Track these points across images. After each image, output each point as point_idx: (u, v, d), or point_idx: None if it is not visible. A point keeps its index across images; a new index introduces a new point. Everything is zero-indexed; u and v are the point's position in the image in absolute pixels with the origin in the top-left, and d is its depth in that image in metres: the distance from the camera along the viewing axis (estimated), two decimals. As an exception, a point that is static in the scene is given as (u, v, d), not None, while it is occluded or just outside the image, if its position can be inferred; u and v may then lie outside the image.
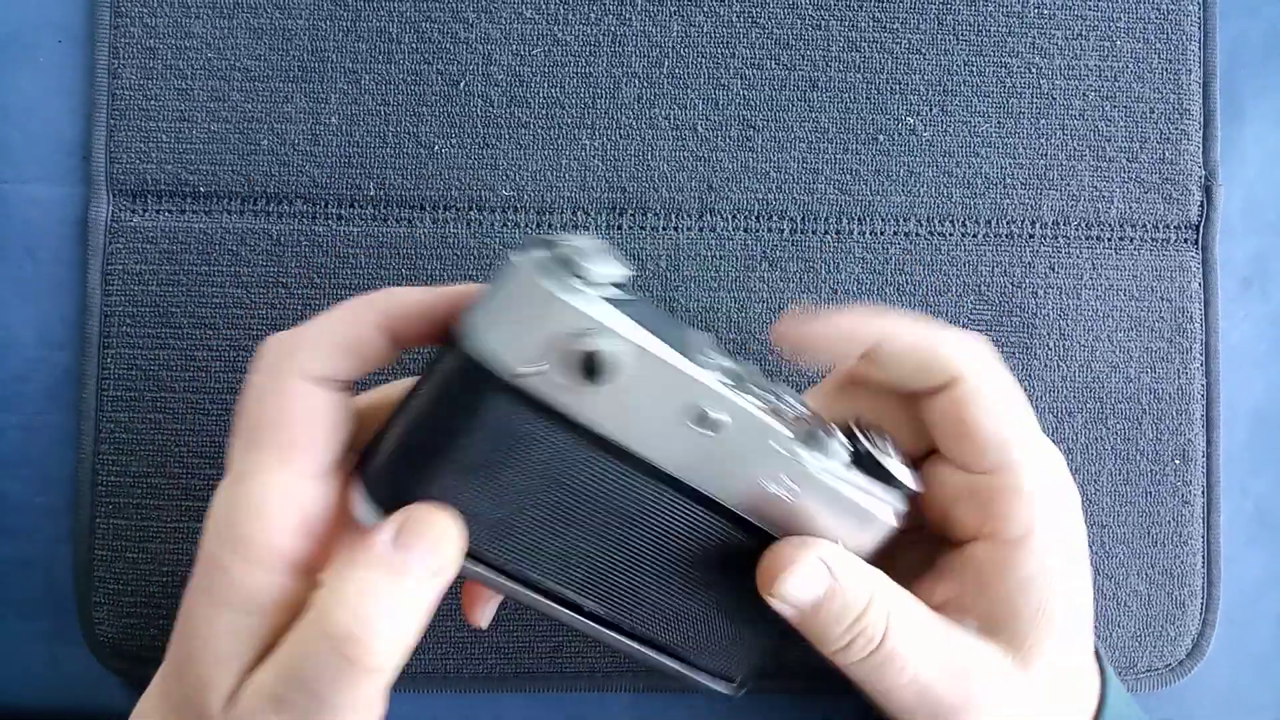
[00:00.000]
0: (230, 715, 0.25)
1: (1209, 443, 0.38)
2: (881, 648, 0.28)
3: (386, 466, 0.26)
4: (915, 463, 0.30)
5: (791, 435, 0.26)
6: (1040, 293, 0.38)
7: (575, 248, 0.25)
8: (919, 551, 0.31)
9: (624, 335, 0.24)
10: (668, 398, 0.25)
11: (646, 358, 0.25)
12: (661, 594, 0.28)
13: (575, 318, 0.24)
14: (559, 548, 0.27)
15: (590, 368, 0.24)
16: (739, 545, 0.28)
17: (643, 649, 0.29)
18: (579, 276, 0.24)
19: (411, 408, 0.25)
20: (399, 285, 0.36)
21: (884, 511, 0.28)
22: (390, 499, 0.25)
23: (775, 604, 0.28)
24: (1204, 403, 0.38)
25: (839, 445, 0.27)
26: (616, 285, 0.25)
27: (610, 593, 0.28)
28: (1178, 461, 0.38)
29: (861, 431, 0.28)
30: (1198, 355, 0.38)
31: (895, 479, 0.28)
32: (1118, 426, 0.38)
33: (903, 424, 0.30)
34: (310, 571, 0.26)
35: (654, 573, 0.28)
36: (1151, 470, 0.38)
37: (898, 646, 0.28)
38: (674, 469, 0.26)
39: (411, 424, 0.25)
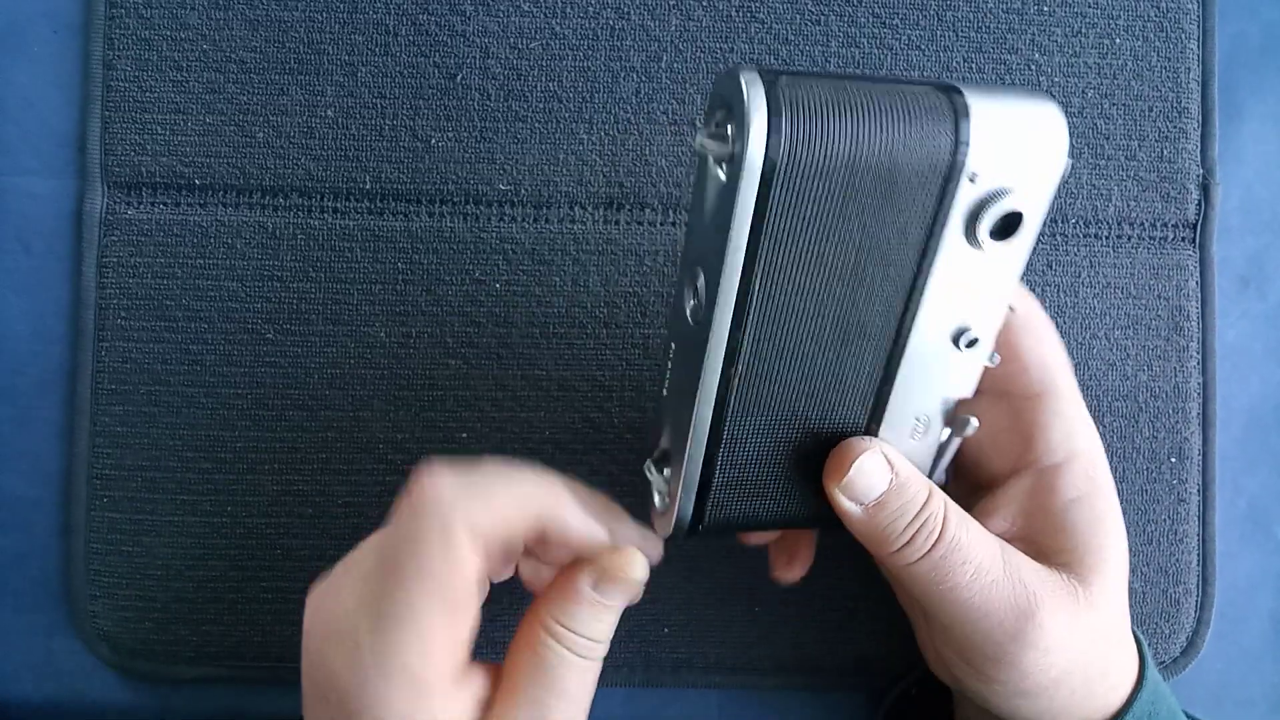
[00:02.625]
0: None
1: (1205, 441, 0.38)
2: (943, 538, 0.28)
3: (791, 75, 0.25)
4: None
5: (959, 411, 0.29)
6: (1038, 290, 0.38)
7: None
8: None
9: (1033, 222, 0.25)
10: (982, 292, 0.27)
11: (1019, 253, 0.26)
12: (788, 407, 0.28)
13: (1050, 178, 0.25)
14: (795, 298, 0.26)
15: (1005, 224, 0.25)
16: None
17: (696, 434, 0.28)
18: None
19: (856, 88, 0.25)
20: (396, 282, 0.37)
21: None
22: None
23: (842, 500, 0.28)
24: (1200, 401, 0.38)
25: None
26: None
27: (766, 368, 0.27)
28: (1174, 459, 0.38)
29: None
30: (1194, 353, 0.38)
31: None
32: (1114, 424, 0.38)
33: None
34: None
35: (797, 387, 0.27)
36: (1148, 468, 0.38)
37: (960, 536, 0.28)
38: (911, 329, 0.27)
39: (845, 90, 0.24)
